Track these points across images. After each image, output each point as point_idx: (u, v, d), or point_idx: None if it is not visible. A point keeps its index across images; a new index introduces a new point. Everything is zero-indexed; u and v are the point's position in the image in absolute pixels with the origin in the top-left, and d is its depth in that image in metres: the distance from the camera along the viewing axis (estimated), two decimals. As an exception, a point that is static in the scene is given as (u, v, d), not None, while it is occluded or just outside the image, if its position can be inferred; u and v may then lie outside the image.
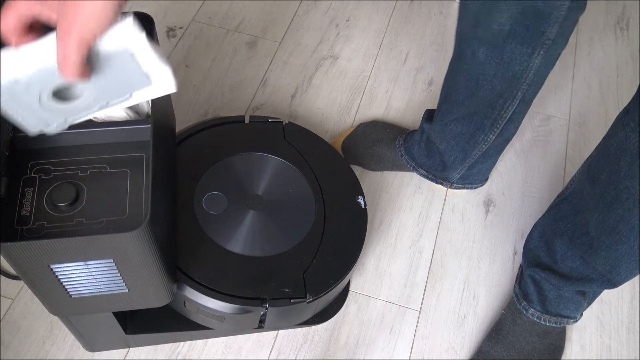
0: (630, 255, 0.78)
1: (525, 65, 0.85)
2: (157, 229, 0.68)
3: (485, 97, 0.92)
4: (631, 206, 0.72)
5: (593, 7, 1.51)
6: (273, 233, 0.92)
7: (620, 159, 0.73)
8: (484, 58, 0.86)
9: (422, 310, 1.05)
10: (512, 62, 0.85)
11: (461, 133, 1.01)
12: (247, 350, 0.99)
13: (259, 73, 1.32)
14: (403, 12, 1.46)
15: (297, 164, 0.99)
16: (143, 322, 0.93)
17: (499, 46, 0.83)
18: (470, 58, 0.88)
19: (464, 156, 1.05)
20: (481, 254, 1.12)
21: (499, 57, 0.85)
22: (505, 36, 0.81)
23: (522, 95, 0.90)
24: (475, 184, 1.16)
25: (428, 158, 1.10)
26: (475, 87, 0.91)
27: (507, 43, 0.82)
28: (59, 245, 0.62)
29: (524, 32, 0.80)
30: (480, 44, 0.85)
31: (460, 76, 0.93)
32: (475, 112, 0.96)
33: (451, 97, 0.98)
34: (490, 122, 0.96)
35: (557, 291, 0.93)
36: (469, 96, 0.94)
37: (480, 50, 0.86)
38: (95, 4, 0.54)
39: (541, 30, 0.80)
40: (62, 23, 0.55)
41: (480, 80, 0.90)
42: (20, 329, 0.98)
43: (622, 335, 1.04)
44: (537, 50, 0.83)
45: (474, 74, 0.90)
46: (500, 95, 0.91)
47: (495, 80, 0.88)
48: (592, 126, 1.30)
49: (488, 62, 0.86)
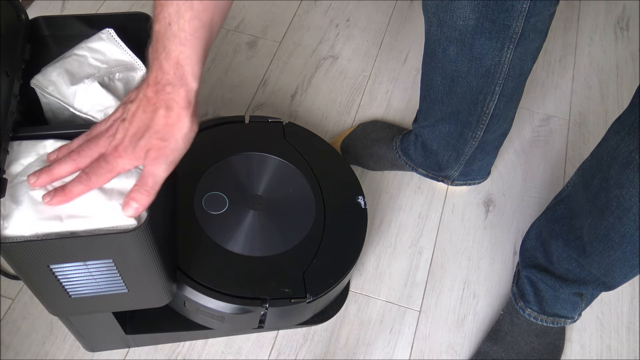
0: (623, 260, 0.77)
1: (497, 60, 0.85)
2: (157, 229, 0.68)
3: (463, 93, 0.92)
4: (621, 215, 0.72)
5: (593, 7, 1.51)
6: (273, 233, 0.92)
7: (610, 167, 0.72)
8: (454, 56, 0.86)
9: (422, 310, 1.05)
10: (484, 58, 0.84)
11: (449, 132, 1.01)
12: (247, 350, 0.99)
13: (259, 73, 1.32)
14: (403, 12, 1.46)
15: (297, 164, 0.99)
16: (143, 322, 0.93)
17: (467, 43, 0.83)
18: (441, 56, 0.88)
19: (457, 154, 1.05)
20: (481, 254, 1.11)
21: (470, 54, 0.85)
22: (472, 32, 0.81)
23: (501, 89, 0.90)
24: (476, 180, 1.16)
25: (425, 158, 1.10)
26: (452, 84, 0.91)
27: (475, 39, 0.82)
28: (58, 245, 0.62)
29: (491, 26, 0.80)
30: (449, 42, 0.85)
31: (435, 74, 0.93)
32: (459, 110, 0.96)
33: (430, 95, 0.98)
34: (475, 118, 0.96)
35: (554, 292, 0.93)
36: (447, 93, 0.94)
37: (450, 49, 0.85)
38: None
39: (506, 24, 0.79)
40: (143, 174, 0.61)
41: (456, 78, 0.90)
42: (20, 329, 0.98)
43: (622, 335, 1.04)
44: (506, 45, 0.82)
45: (448, 71, 0.90)
46: (480, 91, 0.91)
47: (470, 77, 0.88)
48: (592, 126, 1.30)
49: (460, 60, 0.86)
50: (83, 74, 0.73)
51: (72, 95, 0.71)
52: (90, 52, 0.75)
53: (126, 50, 0.77)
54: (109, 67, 0.75)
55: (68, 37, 0.79)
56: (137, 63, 0.77)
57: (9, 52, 0.70)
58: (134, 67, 0.76)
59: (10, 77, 0.69)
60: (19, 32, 0.74)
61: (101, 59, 0.75)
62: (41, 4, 1.40)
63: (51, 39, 0.80)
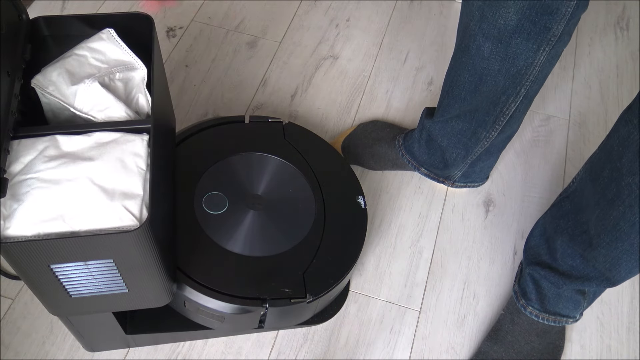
0: (630, 252, 0.78)
1: (530, 61, 0.84)
2: (157, 229, 0.68)
3: (488, 92, 0.91)
4: (632, 203, 0.73)
5: (593, 7, 1.51)
6: (273, 233, 0.92)
7: (622, 156, 0.73)
8: (488, 53, 0.85)
9: (422, 310, 1.05)
10: (517, 58, 0.84)
11: (463, 130, 1.01)
12: (247, 350, 0.99)
13: (259, 73, 1.32)
14: (403, 12, 1.46)
15: (297, 164, 0.99)
16: (143, 322, 0.93)
17: (504, 41, 0.83)
18: (474, 52, 0.88)
19: (466, 153, 1.05)
20: (481, 254, 1.12)
21: (504, 53, 0.84)
22: (511, 31, 0.81)
23: (526, 92, 0.90)
24: (477, 182, 1.16)
25: (429, 156, 1.10)
26: (479, 82, 0.91)
27: (512, 38, 0.82)
28: (59, 245, 0.62)
29: (531, 27, 0.80)
30: (485, 38, 0.84)
31: (464, 71, 0.92)
32: (477, 108, 0.96)
33: (454, 92, 0.97)
34: (492, 118, 0.96)
35: (556, 289, 0.93)
36: (471, 91, 0.93)
37: (485, 45, 0.85)
38: None
39: (548, 26, 0.79)
40: None
41: (484, 76, 0.89)
42: (20, 329, 0.98)
43: (622, 335, 1.04)
44: (542, 47, 0.82)
45: (478, 68, 0.89)
46: (504, 92, 0.90)
47: (499, 76, 0.88)
48: (592, 126, 1.30)
49: (493, 57, 0.86)
50: (83, 74, 0.73)
51: (72, 95, 0.71)
52: (90, 52, 0.75)
53: (126, 50, 0.77)
54: (109, 67, 0.75)
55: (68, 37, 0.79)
56: (137, 63, 0.77)
57: (10, 52, 0.70)
58: (134, 67, 0.77)
59: (11, 77, 0.69)
60: (20, 32, 0.74)
61: (101, 58, 0.75)
62: (41, 4, 1.40)
63: (51, 39, 0.80)
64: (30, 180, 0.65)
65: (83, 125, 0.71)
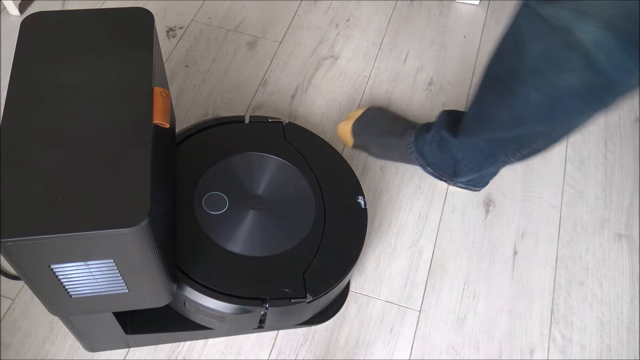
0: None
1: (574, 120, 0.83)
2: (157, 228, 0.68)
3: (522, 132, 0.89)
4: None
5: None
6: (273, 233, 0.92)
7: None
8: (536, 102, 0.82)
9: (422, 310, 1.05)
10: (563, 114, 0.82)
11: (482, 149, 0.99)
12: (247, 350, 0.99)
13: (259, 73, 1.32)
14: (403, 12, 1.46)
15: (297, 164, 0.99)
16: (143, 322, 0.93)
17: (557, 97, 0.80)
18: (521, 99, 0.84)
19: (479, 168, 1.04)
20: (481, 254, 1.12)
21: (551, 106, 0.81)
22: (566, 91, 0.78)
23: (557, 137, 0.89)
24: (478, 187, 1.16)
25: (439, 159, 1.09)
26: (517, 124, 0.88)
27: (565, 97, 0.79)
28: (59, 245, 0.62)
29: (587, 94, 0.77)
30: (536, 90, 0.81)
31: (503, 111, 0.89)
32: (505, 136, 0.93)
33: (485, 124, 0.94)
34: (516, 147, 0.93)
35: None
36: (505, 130, 0.91)
37: (534, 96, 0.82)
38: None
39: (602, 99, 0.78)
40: None
41: (525, 120, 0.86)
42: (20, 329, 0.98)
43: (622, 335, 1.04)
44: (590, 111, 0.80)
45: (519, 112, 0.86)
46: (537, 132, 0.89)
47: (539, 124, 0.86)
48: (592, 126, 1.30)
49: (538, 108, 0.83)
50: None
51: None
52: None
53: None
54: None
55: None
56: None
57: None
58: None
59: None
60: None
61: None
62: (41, 4, 1.40)
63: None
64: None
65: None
